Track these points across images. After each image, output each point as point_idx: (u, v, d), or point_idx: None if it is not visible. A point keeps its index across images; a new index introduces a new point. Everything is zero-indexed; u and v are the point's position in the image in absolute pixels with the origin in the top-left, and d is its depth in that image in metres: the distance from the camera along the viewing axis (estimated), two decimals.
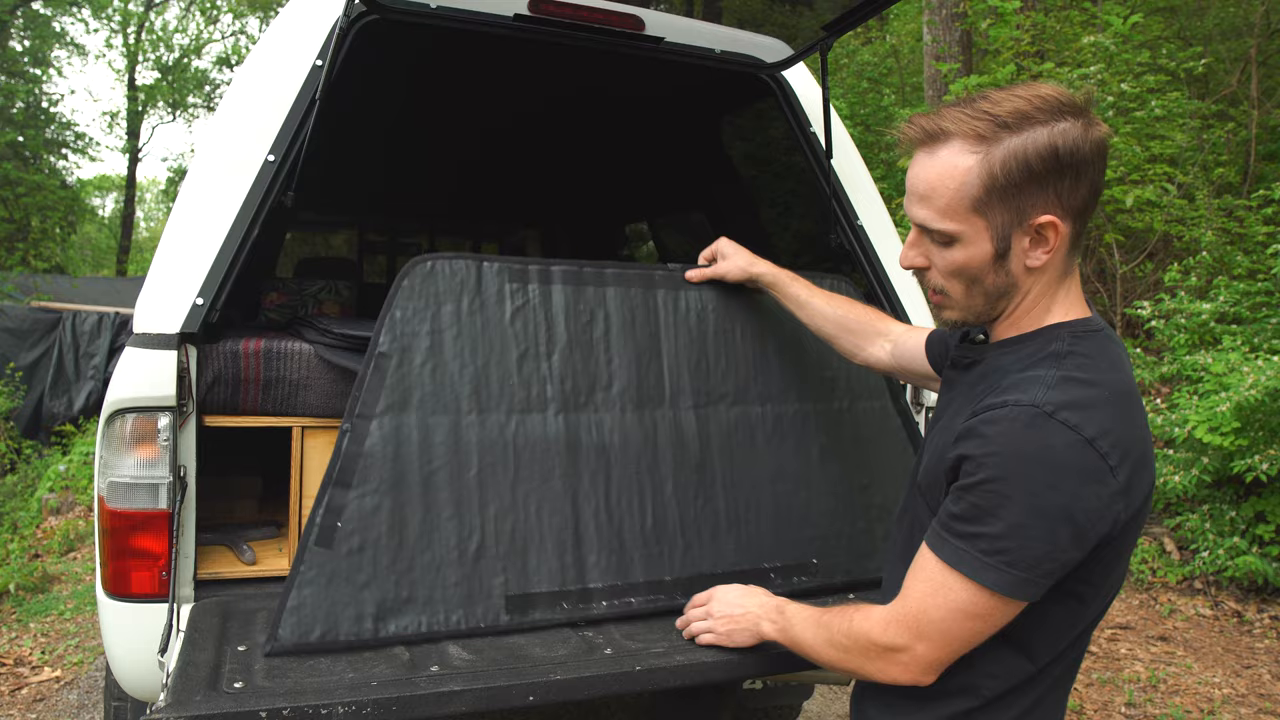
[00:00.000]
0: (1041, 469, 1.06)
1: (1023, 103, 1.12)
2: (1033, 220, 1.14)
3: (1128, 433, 1.10)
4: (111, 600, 1.80)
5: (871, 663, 1.23)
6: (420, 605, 1.63)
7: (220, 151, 1.96)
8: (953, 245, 1.18)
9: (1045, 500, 1.06)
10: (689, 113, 3.44)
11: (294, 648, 1.53)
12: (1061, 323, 1.20)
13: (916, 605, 1.17)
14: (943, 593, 1.13)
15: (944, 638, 1.15)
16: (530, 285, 1.85)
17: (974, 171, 1.13)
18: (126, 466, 1.76)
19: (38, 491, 7.59)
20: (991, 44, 8.47)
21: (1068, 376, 1.11)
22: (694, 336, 1.97)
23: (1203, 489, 5.02)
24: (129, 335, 1.82)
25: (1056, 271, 1.19)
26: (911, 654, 1.18)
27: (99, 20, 24.31)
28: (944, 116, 1.16)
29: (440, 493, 1.69)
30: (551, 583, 1.73)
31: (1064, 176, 1.12)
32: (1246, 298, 5.62)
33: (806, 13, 2.77)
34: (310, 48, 2.05)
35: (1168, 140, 6.82)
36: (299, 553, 1.59)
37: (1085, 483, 1.06)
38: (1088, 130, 1.12)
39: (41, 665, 4.07)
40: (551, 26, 2.26)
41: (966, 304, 1.23)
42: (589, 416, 1.84)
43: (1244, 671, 4.14)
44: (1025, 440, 1.07)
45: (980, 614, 1.12)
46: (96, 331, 10.49)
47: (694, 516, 1.88)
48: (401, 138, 3.93)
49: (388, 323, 1.73)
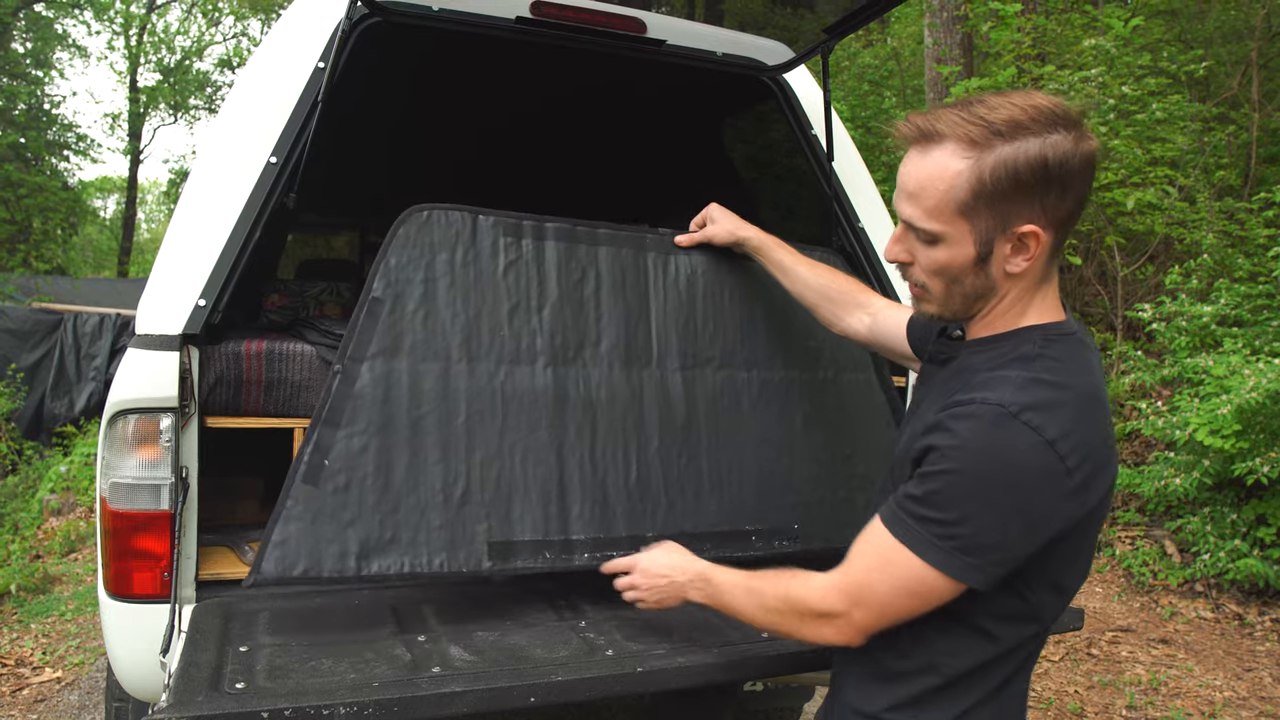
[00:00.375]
0: (1002, 466, 1.10)
1: (1018, 111, 1.13)
2: (1016, 229, 1.15)
3: (1089, 436, 1.13)
4: (113, 601, 1.80)
5: (806, 625, 1.28)
6: (404, 546, 1.64)
7: (223, 153, 1.97)
8: (936, 245, 1.21)
9: (1002, 496, 1.10)
10: (690, 115, 3.44)
11: (277, 580, 1.56)
12: (1035, 325, 1.22)
13: (861, 576, 1.21)
14: (889, 567, 1.17)
15: (881, 609, 1.20)
16: (524, 240, 1.88)
17: (963, 176, 1.14)
18: (128, 467, 1.77)
19: (39, 492, 7.59)
20: (992, 47, 8.48)
21: (1036, 379, 1.14)
22: (683, 299, 1.99)
23: (1204, 492, 5.02)
24: (130, 336, 1.83)
25: (1035, 278, 1.22)
26: (847, 619, 1.23)
27: (101, 22, 24.34)
28: (940, 118, 1.17)
29: (428, 437, 1.70)
30: (535, 532, 1.74)
31: (1051, 188, 1.13)
32: (1247, 300, 5.62)
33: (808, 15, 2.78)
34: (313, 50, 2.05)
35: (1169, 143, 6.82)
36: (285, 488, 1.61)
37: (1042, 483, 1.10)
38: (1078, 144, 1.13)
39: (42, 666, 4.07)
40: (553, 29, 2.26)
41: (945, 301, 1.26)
42: (577, 371, 1.85)
43: (1245, 674, 4.14)
44: (989, 437, 1.10)
45: (922, 592, 1.16)
46: (98, 333, 10.50)
47: (677, 475, 1.89)
48: (403, 140, 3.93)
49: (382, 269, 1.75)
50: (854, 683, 1.34)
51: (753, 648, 1.66)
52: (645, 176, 4.25)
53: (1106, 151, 6.71)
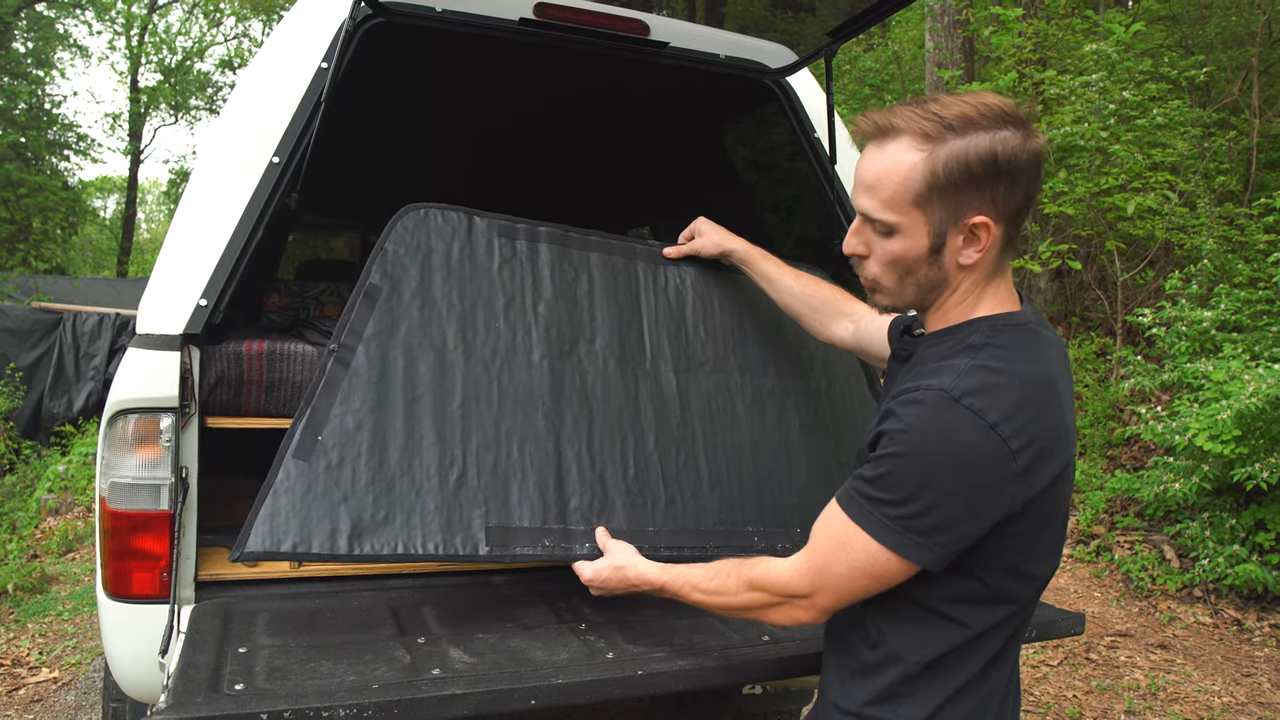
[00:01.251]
0: (945, 449, 1.13)
1: (969, 109, 1.18)
2: (968, 220, 1.20)
3: (1034, 420, 1.15)
4: (112, 601, 1.80)
5: (774, 610, 1.35)
6: (398, 527, 1.62)
7: (225, 153, 1.97)
8: (891, 236, 1.25)
9: (946, 478, 1.14)
10: (693, 117, 3.45)
11: (263, 555, 1.53)
12: (985, 316, 1.26)
13: (821, 559, 1.26)
14: (845, 549, 1.22)
15: (839, 590, 1.25)
16: (518, 241, 1.89)
17: (918, 168, 1.19)
18: (128, 467, 1.76)
19: (37, 492, 7.58)
20: (993, 51, 8.49)
21: (979, 365, 1.18)
22: (673, 308, 2.00)
23: (1203, 497, 5.02)
24: (130, 336, 1.83)
25: (986, 270, 1.26)
26: (811, 600, 1.29)
27: (102, 22, 24.35)
28: (895, 114, 1.22)
29: (423, 420, 1.69)
30: (533, 519, 1.72)
31: (1000, 182, 1.18)
32: (1247, 305, 5.62)
33: (809, 19, 2.78)
34: (316, 50, 2.05)
35: (1169, 148, 6.83)
36: (275, 463, 1.58)
37: (985, 465, 1.13)
38: (1026, 141, 1.18)
39: (39, 666, 4.06)
40: (556, 31, 2.26)
41: (898, 292, 1.30)
42: (573, 365, 1.85)
43: (1244, 680, 4.14)
44: (932, 421, 1.14)
45: (876, 573, 1.21)
46: (97, 332, 10.49)
47: (676, 472, 1.88)
48: (405, 140, 3.94)
49: (379, 258, 1.75)
50: (834, 678, 1.37)
51: (752, 651, 1.66)
52: (647, 178, 4.25)
53: (1107, 156, 6.72)
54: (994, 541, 1.18)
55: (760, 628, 1.78)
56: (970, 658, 1.25)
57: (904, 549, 1.17)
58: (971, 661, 1.25)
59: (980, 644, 1.25)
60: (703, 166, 3.74)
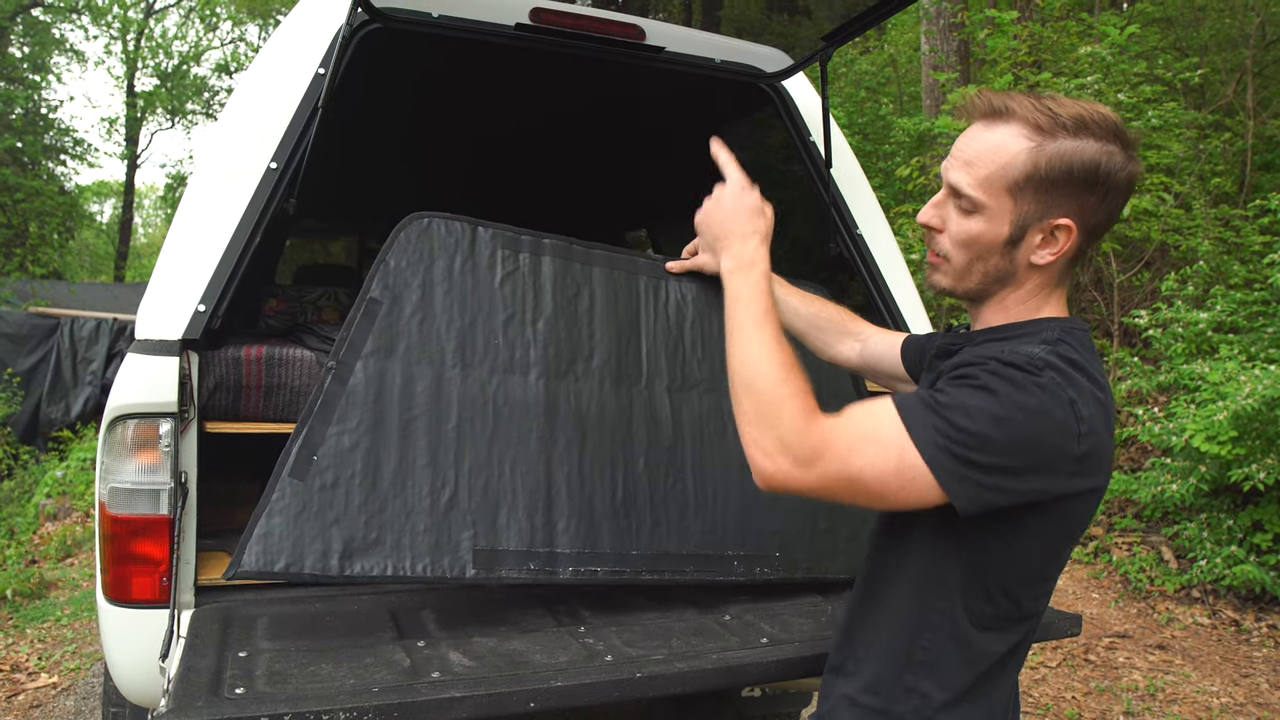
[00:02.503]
0: (1028, 400, 1.10)
1: (1085, 113, 1.18)
2: (1053, 220, 1.20)
3: (1098, 421, 1.15)
4: (112, 606, 1.80)
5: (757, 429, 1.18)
6: (388, 549, 1.63)
7: (223, 158, 1.97)
8: (973, 215, 1.23)
9: (1018, 423, 1.10)
10: (689, 121, 3.45)
11: (257, 575, 1.54)
12: (1052, 318, 1.26)
13: (849, 439, 1.13)
14: (875, 443, 1.12)
15: (839, 479, 1.13)
16: (522, 254, 1.88)
17: (1021, 157, 1.19)
18: (128, 472, 1.76)
19: (35, 497, 7.57)
20: (989, 54, 8.51)
21: (1060, 353, 1.17)
22: (672, 324, 2.00)
23: (1200, 498, 5.03)
24: (128, 341, 1.83)
25: (1054, 276, 1.26)
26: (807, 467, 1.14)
27: (99, 27, 24.36)
28: (1011, 98, 1.22)
29: (418, 440, 1.70)
30: (520, 542, 1.73)
31: (1094, 192, 1.18)
32: (1243, 307, 5.64)
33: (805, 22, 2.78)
34: (313, 56, 2.06)
35: (1164, 150, 6.85)
36: (271, 481, 1.59)
37: (1055, 434, 1.11)
38: (1128, 163, 1.19)
39: (38, 671, 4.06)
40: (553, 36, 2.27)
41: (962, 275, 1.28)
42: (569, 385, 1.85)
43: (1242, 680, 4.15)
44: (1023, 376, 1.12)
45: (895, 481, 1.12)
46: (94, 337, 10.47)
47: (663, 495, 1.89)
48: (402, 145, 3.94)
49: (381, 271, 1.75)
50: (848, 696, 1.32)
51: (751, 654, 1.66)
52: (644, 182, 4.26)
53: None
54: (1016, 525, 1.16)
55: (759, 629, 1.79)
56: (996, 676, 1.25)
57: (941, 470, 1.10)
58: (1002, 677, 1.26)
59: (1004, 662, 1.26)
60: (699, 170, 3.75)
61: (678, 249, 2.06)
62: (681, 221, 2.14)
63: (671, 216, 4.41)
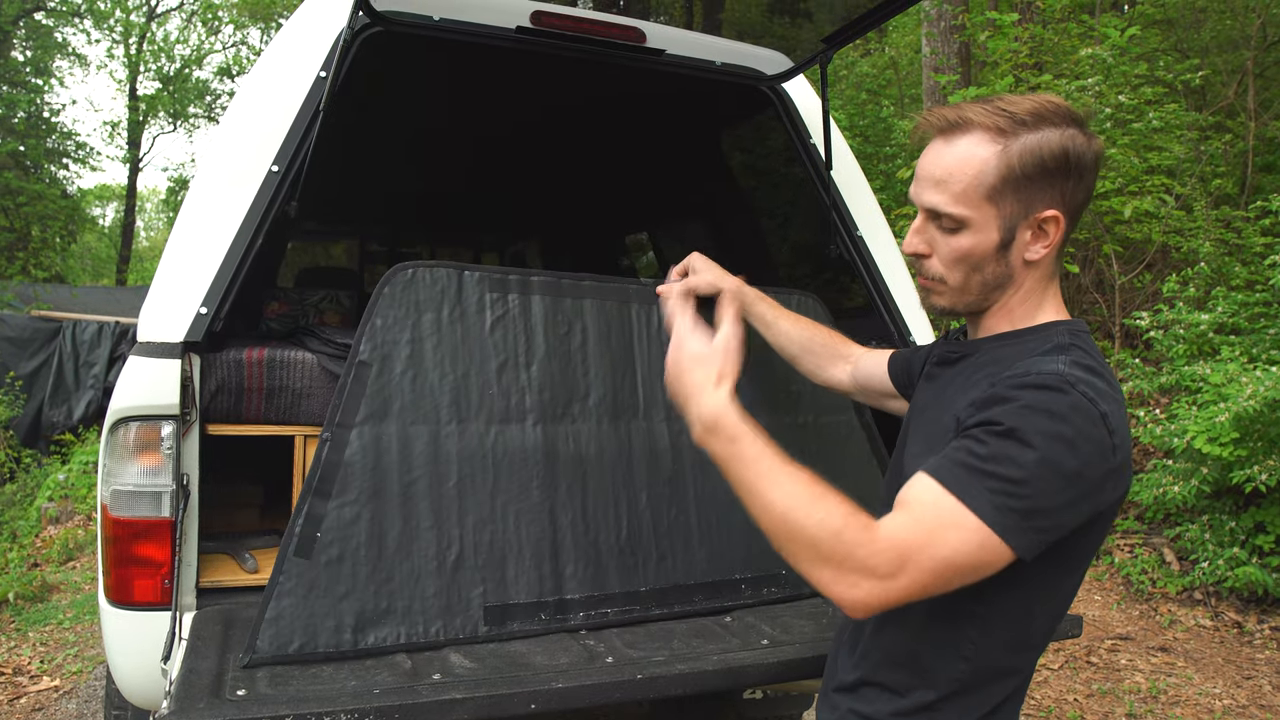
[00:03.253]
0: (1065, 428, 1.08)
1: (1038, 106, 1.20)
2: (1039, 214, 1.20)
3: (1124, 426, 1.15)
4: (114, 608, 1.81)
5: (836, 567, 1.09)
6: (399, 616, 1.64)
7: (225, 161, 1.98)
8: (960, 231, 1.22)
9: (1063, 459, 1.08)
10: (689, 124, 3.46)
11: (272, 659, 1.54)
12: (1059, 321, 1.26)
13: (922, 536, 1.07)
14: (949, 529, 1.07)
15: (927, 578, 1.08)
16: (510, 295, 1.87)
17: (991, 162, 1.19)
18: (130, 474, 1.77)
19: (37, 500, 7.58)
20: (990, 56, 8.51)
21: (1077, 362, 1.16)
22: (666, 350, 1.99)
23: (1202, 499, 5.02)
24: (130, 344, 1.83)
25: (1048, 270, 1.27)
26: (884, 586, 1.07)
27: (101, 31, 24.43)
28: (965, 109, 1.22)
29: (420, 503, 1.70)
30: (530, 594, 1.74)
31: (1069, 177, 1.19)
32: (1245, 308, 5.64)
33: (806, 25, 2.80)
34: (315, 59, 2.06)
35: (1165, 152, 6.85)
36: (278, 563, 1.59)
37: (1096, 455, 1.10)
38: (1090, 140, 1.21)
39: (40, 674, 4.07)
40: (553, 39, 2.27)
41: (961, 291, 1.27)
42: (566, 427, 1.86)
43: (1244, 682, 4.14)
44: (1052, 401, 1.10)
45: (975, 560, 1.08)
46: (96, 341, 10.49)
47: (667, 528, 1.90)
48: (403, 148, 3.95)
49: (368, 331, 1.74)
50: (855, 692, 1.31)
51: (751, 655, 1.67)
52: (645, 184, 4.27)
53: (1104, 160, 6.74)
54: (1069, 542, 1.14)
55: (759, 630, 1.79)
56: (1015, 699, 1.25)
57: (1010, 532, 1.06)
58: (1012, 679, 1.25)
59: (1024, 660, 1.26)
60: (699, 172, 3.76)
61: (679, 251, 2.07)
62: (682, 223, 2.14)
63: (673, 218, 4.42)
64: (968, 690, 1.22)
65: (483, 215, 5.03)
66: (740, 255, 3.74)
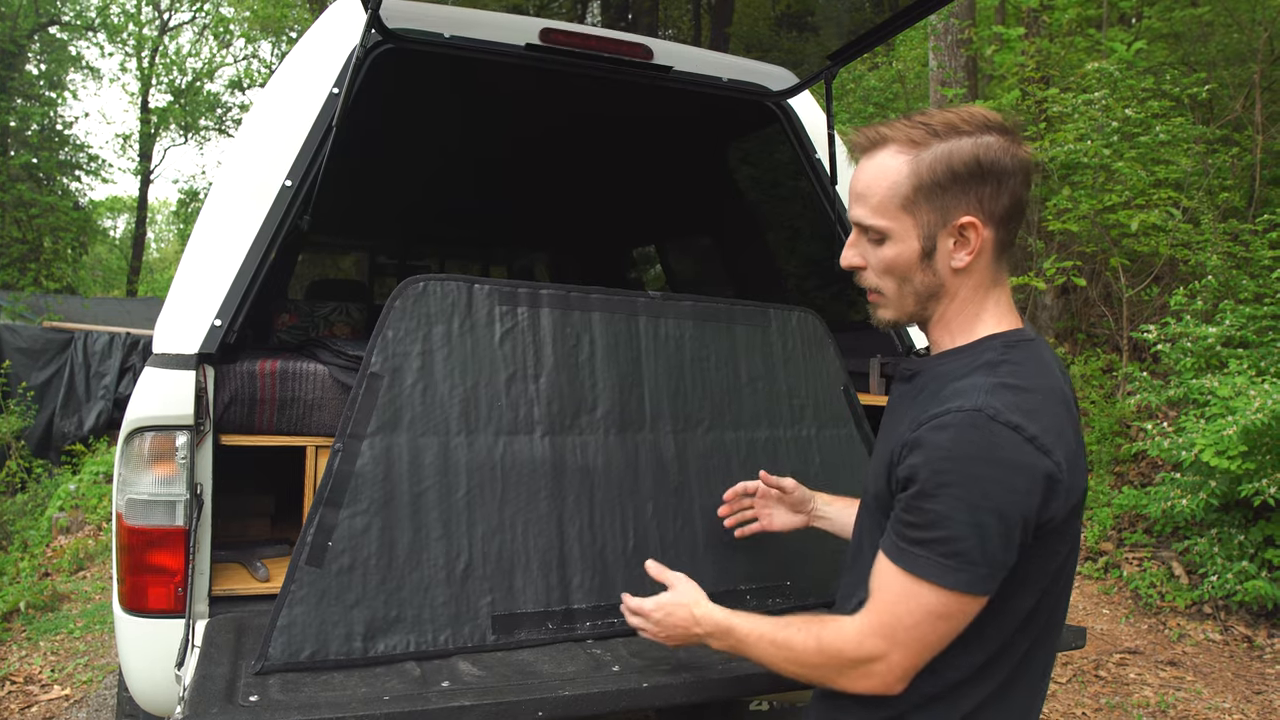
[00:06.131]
0: (990, 469, 1.12)
1: (954, 117, 1.23)
2: (956, 221, 1.23)
3: (1065, 431, 1.17)
4: (128, 615, 1.83)
5: (843, 675, 1.25)
6: (409, 624, 1.66)
7: (239, 176, 2.01)
8: (884, 243, 1.27)
9: (997, 499, 1.12)
10: (696, 139, 3.49)
11: (284, 666, 1.56)
12: (995, 334, 1.27)
13: (889, 615, 1.19)
14: (911, 600, 1.17)
15: (919, 643, 1.19)
16: (519, 308, 1.90)
17: (903, 172, 1.23)
18: (145, 484, 1.80)
19: (48, 510, 7.62)
20: (996, 70, 8.55)
21: (1001, 383, 1.17)
22: (672, 363, 2.03)
23: (1210, 513, 5.01)
24: (141, 356, 1.87)
25: (983, 278, 1.27)
26: (887, 663, 1.20)
27: (114, 44, 24.66)
28: (885, 125, 1.27)
29: (429, 513, 1.72)
30: (537, 603, 1.76)
31: (985, 183, 1.21)
32: (1253, 321, 5.63)
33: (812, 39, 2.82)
34: (328, 76, 2.10)
35: (1172, 165, 6.85)
36: (290, 571, 1.62)
37: (1030, 479, 1.12)
38: (1010, 147, 1.22)
39: (51, 683, 4.09)
40: (562, 56, 2.31)
41: (899, 303, 1.31)
42: (574, 439, 1.88)
43: (1254, 697, 4.12)
44: (971, 444, 1.12)
45: (949, 614, 1.16)
46: (107, 352, 10.56)
47: (673, 538, 1.92)
48: (414, 163, 3.99)
49: (380, 343, 1.76)
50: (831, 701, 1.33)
51: (757, 664, 1.68)
52: (651, 199, 4.30)
53: (1110, 173, 6.75)
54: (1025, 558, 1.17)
55: None
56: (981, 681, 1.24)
57: (967, 584, 1.14)
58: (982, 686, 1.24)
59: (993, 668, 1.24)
60: (706, 186, 3.79)
61: (686, 264, 2.09)
62: (689, 237, 2.17)
63: (680, 232, 4.45)
64: (934, 701, 1.24)
65: (491, 229, 5.07)
66: (747, 269, 3.77)
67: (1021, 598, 1.21)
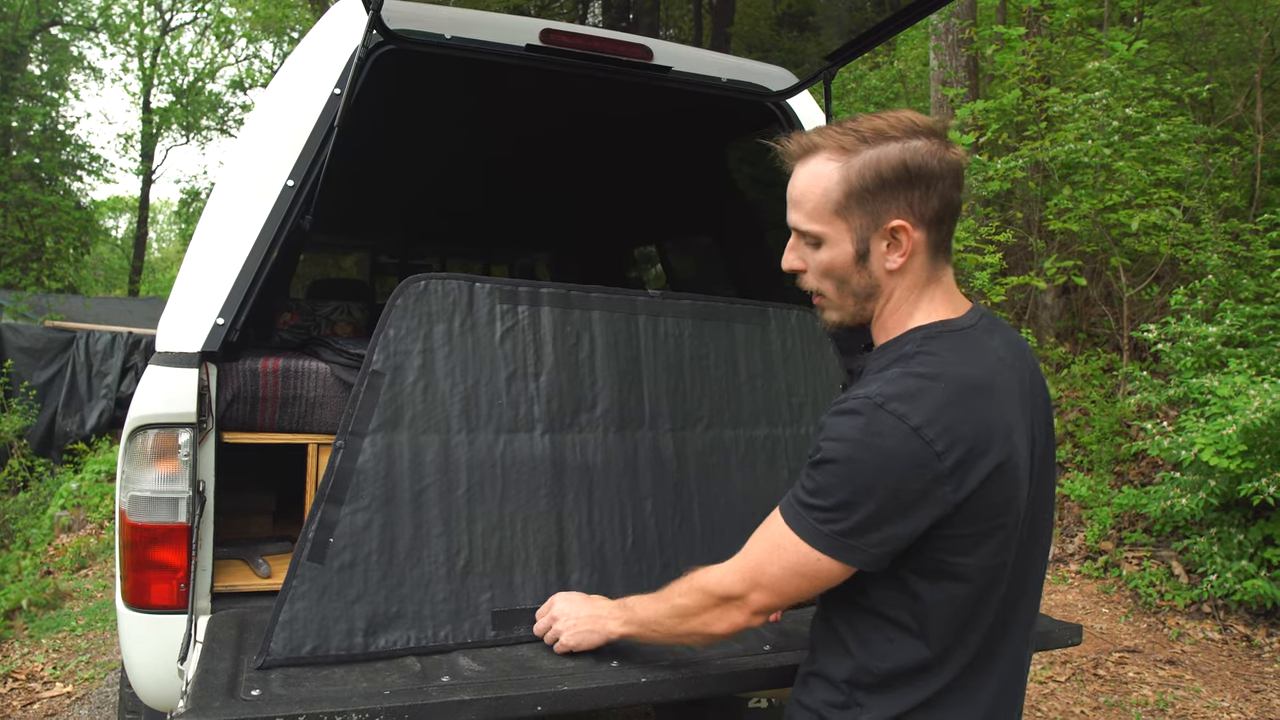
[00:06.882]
0: (871, 454, 1.18)
1: (882, 123, 1.27)
2: (887, 224, 1.26)
3: (960, 421, 1.18)
4: (131, 611, 1.85)
5: (711, 613, 1.38)
6: (409, 620, 1.67)
7: (241, 176, 2.03)
8: (820, 247, 1.31)
9: (873, 482, 1.18)
10: (695, 139, 3.50)
11: (285, 661, 1.57)
12: (919, 326, 1.31)
13: (756, 560, 1.32)
14: (780, 551, 1.28)
15: (776, 589, 1.31)
16: (520, 307, 1.91)
17: (834, 178, 1.27)
18: (148, 481, 1.81)
19: (50, 509, 7.65)
20: (997, 69, 8.55)
21: (907, 373, 1.22)
22: (672, 361, 2.04)
23: (1210, 512, 5.02)
24: (143, 355, 1.88)
25: (918, 277, 1.31)
26: (745, 600, 1.34)
27: (116, 45, 24.71)
28: (818, 133, 1.31)
29: (430, 510, 1.74)
30: (536, 599, 1.77)
31: (914, 187, 1.25)
32: (1253, 321, 5.63)
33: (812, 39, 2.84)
34: (329, 76, 2.11)
35: (1173, 164, 6.86)
36: (291, 568, 1.63)
37: (911, 467, 1.17)
38: (938, 150, 1.25)
39: (53, 681, 4.11)
40: (562, 56, 2.32)
41: (840, 304, 1.35)
42: (574, 437, 1.89)
43: (1253, 696, 4.13)
44: (859, 429, 1.19)
45: (810, 574, 1.26)
46: (109, 351, 10.59)
47: (672, 536, 1.94)
48: (415, 163, 4.00)
49: (381, 341, 1.78)
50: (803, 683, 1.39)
51: (754, 660, 1.69)
52: (651, 199, 4.31)
53: (1111, 173, 6.76)
54: (929, 543, 1.21)
55: (761, 636, 1.81)
56: (934, 676, 1.25)
57: (836, 551, 1.22)
58: (931, 682, 1.25)
59: (943, 663, 1.25)
60: (706, 186, 3.80)
61: (686, 263, 2.11)
62: (689, 236, 2.18)
63: (680, 232, 4.46)
64: (887, 685, 1.27)
65: (493, 228, 5.09)
66: (747, 268, 3.78)
67: (958, 590, 1.23)
